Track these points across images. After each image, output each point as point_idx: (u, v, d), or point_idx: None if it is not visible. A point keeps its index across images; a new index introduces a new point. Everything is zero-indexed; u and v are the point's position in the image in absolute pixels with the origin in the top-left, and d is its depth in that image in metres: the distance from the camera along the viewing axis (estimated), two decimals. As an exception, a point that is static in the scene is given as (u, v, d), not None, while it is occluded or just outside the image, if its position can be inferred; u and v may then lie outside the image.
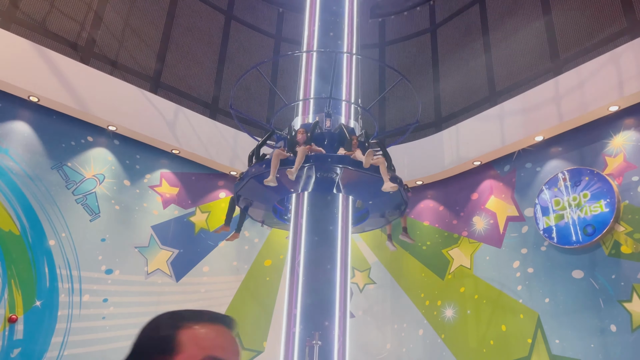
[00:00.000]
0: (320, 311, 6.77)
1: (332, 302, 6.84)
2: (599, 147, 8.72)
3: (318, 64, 8.42)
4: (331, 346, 6.57)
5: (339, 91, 8.21)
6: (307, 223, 7.33)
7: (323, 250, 7.13)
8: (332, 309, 6.80)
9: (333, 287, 6.94)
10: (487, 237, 9.98)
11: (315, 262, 7.06)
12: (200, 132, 10.68)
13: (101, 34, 10.38)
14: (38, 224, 8.54)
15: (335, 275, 7.00)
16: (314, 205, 7.48)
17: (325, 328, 6.61)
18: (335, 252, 7.15)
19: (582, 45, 9.55)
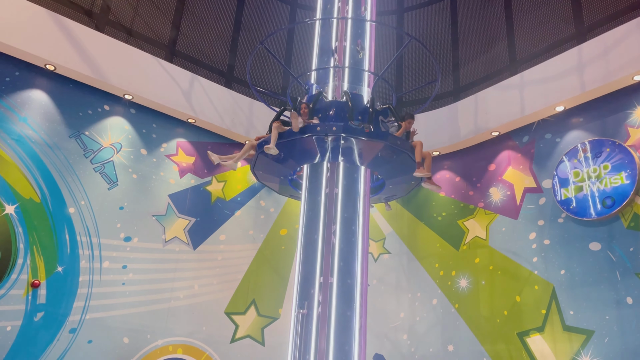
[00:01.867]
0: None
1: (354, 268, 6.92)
2: (621, 117, 8.52)
3: (326, 34, 8.21)
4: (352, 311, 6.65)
5: (353, 60, 8.06)
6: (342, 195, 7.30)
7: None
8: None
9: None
10: (504, 208, 9.91)
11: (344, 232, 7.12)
12: (215, 101, 10.66)
13: (116, 0, 10.29)
14: (58, 192, 8.68)
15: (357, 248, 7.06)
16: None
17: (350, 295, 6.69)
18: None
19: (608, 12, 9.22)
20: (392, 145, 7.10)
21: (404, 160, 7.33)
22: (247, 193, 10.95)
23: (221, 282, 10.13)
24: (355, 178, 7.42)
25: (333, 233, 6.91)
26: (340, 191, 7.21)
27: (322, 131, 6.97)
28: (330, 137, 6.98)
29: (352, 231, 7.08)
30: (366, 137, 7.00)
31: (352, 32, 8.13)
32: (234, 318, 10.03)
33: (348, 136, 6.95)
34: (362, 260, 7.00)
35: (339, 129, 6.94)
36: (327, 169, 7.36)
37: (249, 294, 10.30)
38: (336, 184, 7.25)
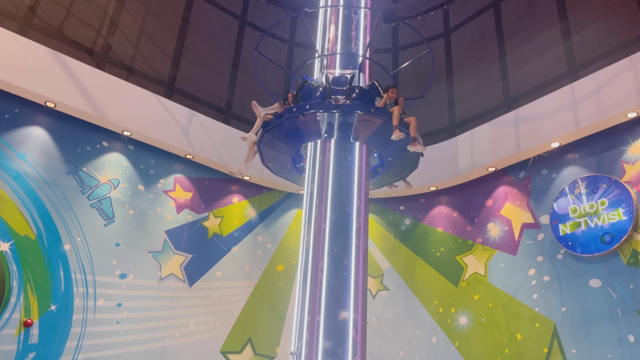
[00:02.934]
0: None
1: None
2: (616, 154, 8.59)
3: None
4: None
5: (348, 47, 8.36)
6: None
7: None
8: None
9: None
10: (502, 244, 9.87)
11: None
12: (213, 137, 10.72)
13: (117, 39, 10.48)
14: (54, 229, 8.62)
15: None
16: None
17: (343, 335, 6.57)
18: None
19: (599, 51, 9.42)
20: (365, 112, 7.10)
21: (388, 128, 7.23)
22: (244, 228, 10.90)
23: (217, 320, 9.97)
24: (348, 212, 7.39)
25: (320, 270, 6.84)
26: (328, 225, 7.16)
27: (297, 111, 7.19)
28: (305, 115, 7.15)
29: (344, 266, 7.00)
30: (337, 109, 7.09)
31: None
32: (230, 357, 9.83)
33: (323, 110, 7.11)
34: (357, 296, 6.89)
35: (312, 106, 7.12)
36: (315, 203, 7.32)
37: (245, 332, 10.12)
38: (324, 219, 7.22)
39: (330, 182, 7.33)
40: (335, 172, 7.38)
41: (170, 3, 11.64)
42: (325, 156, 7.51)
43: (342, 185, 7.32)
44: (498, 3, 11.79)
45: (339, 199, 7.24)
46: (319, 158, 7.54)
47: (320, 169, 7.48)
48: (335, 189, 7.28)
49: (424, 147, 7.35)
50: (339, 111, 7.15)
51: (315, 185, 7.40)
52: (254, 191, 11.24)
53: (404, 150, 7.45)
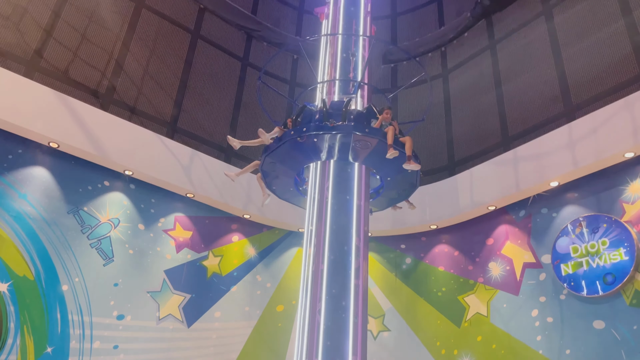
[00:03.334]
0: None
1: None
2: (615, 193, 8.61)
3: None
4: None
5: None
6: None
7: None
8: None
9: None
10: (504, 283, 9.78)
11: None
12: (214, 176, 10.79)
13: (121, 81, 10.69)
14: (52, 269, 8.59)
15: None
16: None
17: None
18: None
19: (594, 92, 9.56)
20: (361, 133, 7.20)
21: (384, 148, 7.29)
22: (244, 268, 10.83)
23: (215, 362, 9.79)
24: (347, 251, 7.35)
25: (318, 311, 6.75)
26: (326, 266, 7.10)
27: (295, 134, 7.31)
28: (302, 138, 7.28)
29: (343, 307, 6.90)
30: (332, 130, 7.20)
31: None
32: (228, 401, 9.61)
33: (318, 133, 7.23)
34: (356, 339, 6.77)
35: (309, 129, 7.25)
36: (313, 242, 7.30)
37: (244, 375, 9.93)
38: (322, 259, 7.16)
39: (328, 221, 7.32)
40: (333, 211, 7.38)
41: (173, 45, 11.93)
42: (323, 186, 7.51)
43: (341, 224, 7.31)
44: (494, 44, 12.05)
45: (338, 237, 7.22)
46: (317, 193, 7.54)
47: (319, 206, 7.49)
48: (334, 227, 7.27)
49: (419, 165, 7.41)
50: (334, 132, 7.25)
51: (314, 224, 7.40)
52: (254, 229, 11.23)
53: (402, 169, 7.50)
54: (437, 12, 14.10)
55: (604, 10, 9.99)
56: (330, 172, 7.57)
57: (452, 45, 13.11)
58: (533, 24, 11.35)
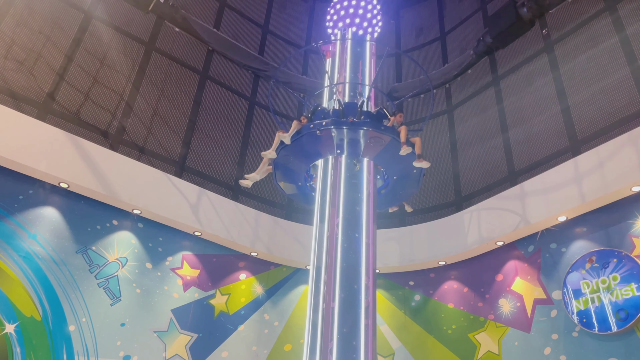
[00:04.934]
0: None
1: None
2: (624, 227, 8.53)
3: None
4: None
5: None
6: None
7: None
8: None
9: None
10: (515, 321, 9.61)
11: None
12: (222, 214, 10.85)
13: (131, 121, 10.92)
14: (60, 309, 8.59)
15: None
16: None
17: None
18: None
19: (599, 126, 9.61)
20: (376, 129, 7.70)
21: (395, 147, 7.78)
22: (251, 306, 10.76)
23: (222, 404, 9.61)
24: (356, 289, 7.29)
25: (330, 351, 6.66)
26: (337, 304, 7.05)
27: (315, 127, 7.76)
28: (321, 131, 7.71)
29: (353, 347, 6.82)
30: (351, 125, 7.67)
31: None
32: None
33: (337, 127, 7.68)
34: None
35: (329, 122, 7.70)
36: (324, 280, 7.27)
37: (252, 417, 9.72)
38: (333, 297, 7.11)
39: (339, 258, 7.31)
40: (343, 249, 7.38)
41: (182, 86, 12.21)
42: (333, 223, 7.56)
43: (351, 263, 7.30)
44: (498, 81, 12.21)
45: (348, 275, 7.20)
46: (327, 230, 7.59)
47: (329, 246, 7.48)
48: (344, 265, 7.26)
49: (428, 162, 7.86)
50: (353, 128, 7.68)
51: (323, 261, 7.38)
52: (261, 267, 11.20)
53: (409, 167, 7.94)
54: (440, 49, 14.39)
55: (605, 44, 10.15)
56: (340, 211, 7.63)
57: (456, 82, 13.31)
58: (535, 60, 11.53)
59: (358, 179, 8.05)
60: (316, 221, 7.86)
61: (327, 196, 7.88)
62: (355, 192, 7.94)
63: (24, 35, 9.96)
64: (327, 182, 8.07)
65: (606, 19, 10.35)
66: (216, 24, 13.53)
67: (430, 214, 11.93)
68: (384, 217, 11.84)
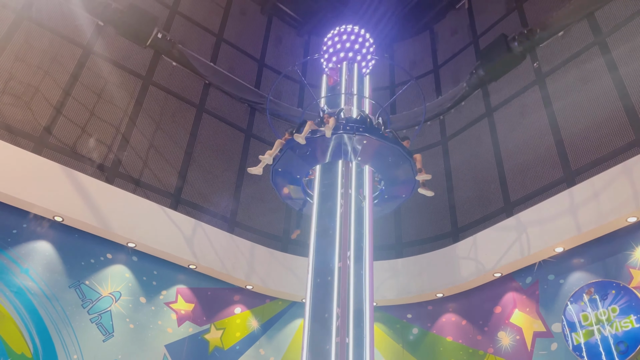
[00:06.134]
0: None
1: None
2: (621, 258, 8.51)
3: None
4: None
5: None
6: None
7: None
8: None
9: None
10: (515, 354, 9.46)
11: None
12: (217, 246, 10.77)
13: (127, 154, 10.94)
14: (51, 346, 8.40)
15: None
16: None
17: None
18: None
19: (592, 157, 9.69)
20: (400, 147, 8.21)
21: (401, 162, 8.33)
22: (246, 341, 10.57)
23: None
24: (362, 327, 7.20)
25: None
26: (351, 340, 6.95)
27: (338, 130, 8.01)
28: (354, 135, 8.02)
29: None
30: (383, 138, 8.12)
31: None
32: None
33: (369, 136, 8.03)
34: None
35: (365, 129, 8.05)
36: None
37: None
38: (347, 332, 6.99)
39: (352, 291, 7.30)
40: (355, 282, 7.39)
41: (179, 119, 12.30)
42: (345, 255, 7.55)
43: (359, 298, 7.32)
44: (491, 112, 12.36)
45: (358, 310, 7.25)
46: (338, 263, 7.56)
47: (341, 278, 7.42)
48: (356, 300, 7.33)
49: (432, 192, 8.51)
50: (381, 140, 8.08)
51: (334, 293, 7.27)
52: (256, 301, 11.05)
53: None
54: (434, 82, 14.61)
55: (596, 78, 10.33)
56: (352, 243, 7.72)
57: (450, 114, 13.46)
58: (528, 92, 11.70)
59: (362, 213, 8.12)
60: (313, 251, 7.76)
61: (336, 223, 7.88)
62: (360, 226, 7.97)
63: (22, 70, 10.06)
64: (331, 208, 8.14)
65: (596, 52, 10.58)
66: (213, 58, 13.73)
67: (426, 245, 11.89)
68: (380, 248, 11.79)
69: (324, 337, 6.95)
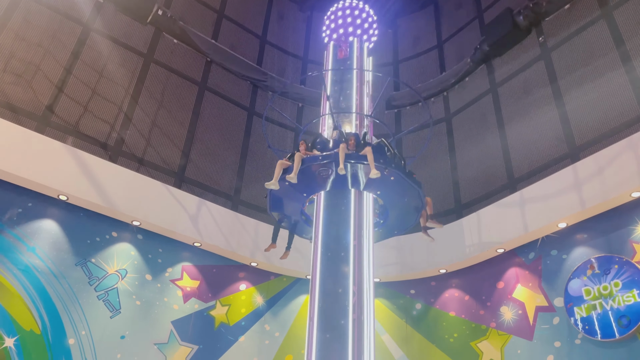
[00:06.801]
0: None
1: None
2: (625, 233, 8.51)
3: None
4: None
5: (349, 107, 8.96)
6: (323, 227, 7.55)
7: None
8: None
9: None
10: (517, 328, 9.55)
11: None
12: (221, 224, 10.83)
13: (130, 133, 10.93)
14: (59, 322, 8.54)
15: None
16: (329, 203, 7.86)
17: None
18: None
19: (598, 132, 9.62)
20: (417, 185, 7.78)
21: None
22: (252, 317, 10.70)
23: (223, 416, 9.54)
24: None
25: None
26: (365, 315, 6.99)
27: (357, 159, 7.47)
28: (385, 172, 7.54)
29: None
30: (408, 176, 7.70)
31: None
32: None
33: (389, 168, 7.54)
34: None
35: (386, 162, 7.53)
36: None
37: None
38: (361, 308, 7.04)
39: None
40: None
41: (181, 97, 12.24)
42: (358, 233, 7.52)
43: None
44: (495, 88, 12.24)
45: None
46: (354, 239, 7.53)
47: (355, 255, 7.44)
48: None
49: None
50: (412, 183, 7.71)
51: (350, 269, 7.23)
52: (261, 277, 11.15)
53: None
54: (437, 58, 14.44)
55: (602, 51, 10.19)
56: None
57: (454, 90, 13.34)
58: (533, 67, 11.57)
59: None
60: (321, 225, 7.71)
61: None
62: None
63: (22, 49, 9.99)
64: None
65: (602, 26, 10.41)
66: (214, 35, 13.59)
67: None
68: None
69: (338, 313, 6.86)
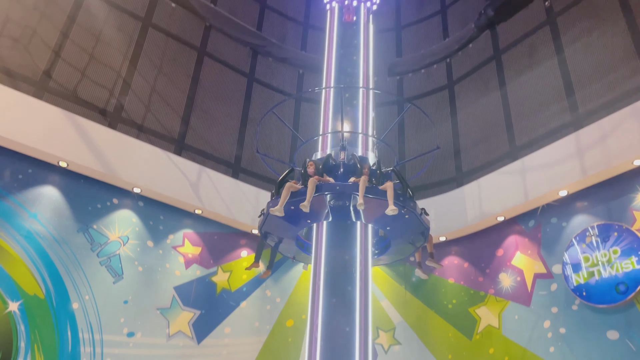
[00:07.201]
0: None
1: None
2: (626, 201, 8.53)
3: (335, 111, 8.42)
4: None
5: (355, 126, 8.18)
6: (326, 253, 7.11)
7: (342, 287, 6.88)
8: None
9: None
10: (515, 295, 9.68)
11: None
12: (222, 192, 10.83)
13: (129, 99, 10.81)
14: (62, 287, 8.63)
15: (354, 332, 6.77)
16: (333, 235, 7.25)
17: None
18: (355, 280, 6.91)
19: (601, 100, 9.52)
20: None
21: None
22: (253, 283, 10.82)
23: (226, 379, 9.74)
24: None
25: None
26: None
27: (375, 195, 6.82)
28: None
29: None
30: (420, 220, 7.08)
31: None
32: (238, 418, 9.55)
33: (374, 197, 6.80)
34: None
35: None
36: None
37: (255, 391, 9.87)
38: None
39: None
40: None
41: (180, 63, 12.06)
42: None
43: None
44: (499, 55, 12.06)
45: None
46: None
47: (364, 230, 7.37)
48: None
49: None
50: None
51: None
52: (262, 244, 11.20)
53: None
54: (441, 23, 14.17)
55: (609, 16, 9.99)
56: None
57: (457, 57, 13.14)
58: (538, 33, 11.36)
59: None
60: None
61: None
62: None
63: (18, 11, 9.79)
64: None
65: (610, -10, 10.18)
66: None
67: (431, 190, 11.92)
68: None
69: (345, 281, 6.86)
